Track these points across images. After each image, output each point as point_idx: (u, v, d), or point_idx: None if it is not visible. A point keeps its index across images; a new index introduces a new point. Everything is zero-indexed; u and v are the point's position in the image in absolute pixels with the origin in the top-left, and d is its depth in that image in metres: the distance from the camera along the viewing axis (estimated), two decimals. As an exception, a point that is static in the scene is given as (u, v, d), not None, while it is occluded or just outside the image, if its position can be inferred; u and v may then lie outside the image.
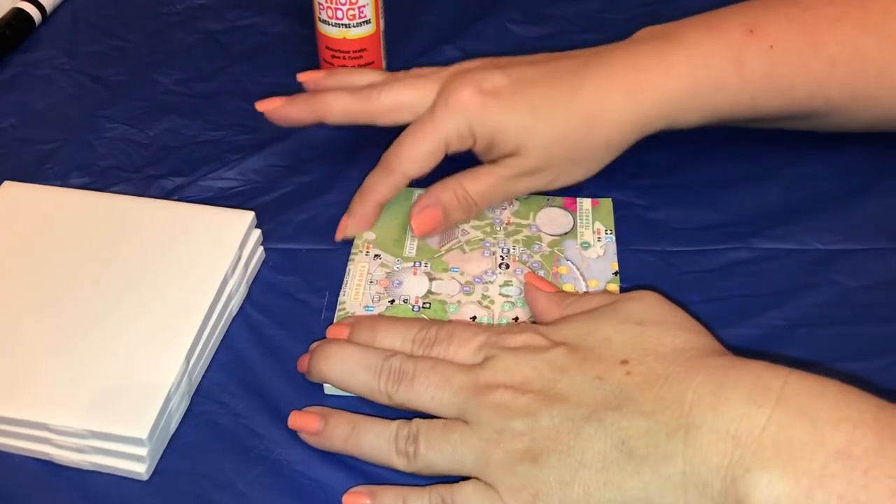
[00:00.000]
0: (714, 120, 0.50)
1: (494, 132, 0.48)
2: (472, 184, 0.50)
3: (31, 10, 0.69)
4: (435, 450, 0.39)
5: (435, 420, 0.40)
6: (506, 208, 0.52)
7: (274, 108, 0.52)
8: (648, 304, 0.42)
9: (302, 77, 0.54)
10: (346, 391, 0.43)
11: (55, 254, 0.48)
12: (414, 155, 0.49)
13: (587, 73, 0.49)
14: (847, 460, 0.32)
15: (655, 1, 0.69)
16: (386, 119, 0.51)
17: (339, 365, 0.43)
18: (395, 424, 0.41)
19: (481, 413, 0.39)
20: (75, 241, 0.48)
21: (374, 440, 0.41)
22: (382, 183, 0.50)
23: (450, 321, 0.46)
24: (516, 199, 0.53)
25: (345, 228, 0.51)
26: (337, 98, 0.52)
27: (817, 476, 0.32)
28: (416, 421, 0.40)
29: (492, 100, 0.48)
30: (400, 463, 0.40)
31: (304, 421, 0.42)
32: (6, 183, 0.52)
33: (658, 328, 0.40)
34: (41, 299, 0.45)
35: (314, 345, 0.45)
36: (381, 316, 0.46)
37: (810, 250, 0.50)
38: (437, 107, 0.49)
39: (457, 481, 0.39)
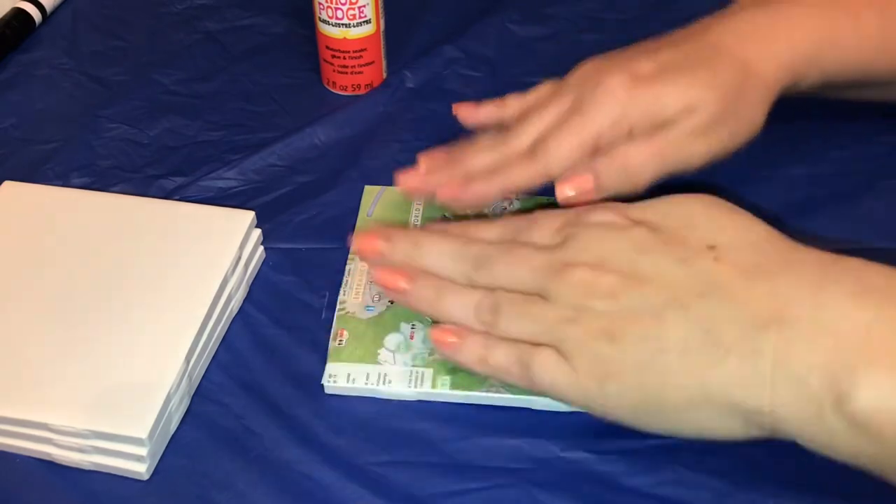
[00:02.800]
0: (829, 80, 0.49)
1: (654, 108, 0.46)
2: (636, 151, 0.46)
3: (31, 10, 0.69)
4: (513, 320, 0.40)
5: (516, 294, 0.41)
6: (506, 208, 0.52)
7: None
8: (720, 203, 0.42)
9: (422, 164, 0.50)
10: (431, 274, 0.43)
11: (55, 254, 0.48)
12: (563, 150, 0.46)
13: (716, 35, 0.48)
14: None
15: (656, 1, 0.69)
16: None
17: (428, 251, 0.43)
18: (478, 293, 0.41)
19: (561, 290, 0.40)
20: (75, 241, 0.48)
21: (457, 308, 0.42)
22: (519, 171, 0.47)
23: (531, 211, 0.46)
24: (516, 200, 0.53)
25: (446, 195, 0.47)
26: (478, 156, 0.49)
27: None
28: (499, 292, 0.41)
29: (644, 81, 0.46)
30: (480, 327, 0.41)
31: (390, 279, 0.43)
32: (6, 183, 0.52)
33: (743, 218, 0.40)
34: (41, 299, 0.45)
35: (376, 230, 0.45)
36: (463, 219, 0.47)
37: (810, 250, 0.50)
38: (583, 100, 0.47)
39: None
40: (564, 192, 0.45)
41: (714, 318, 0.36)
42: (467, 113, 0.53)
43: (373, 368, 0.45)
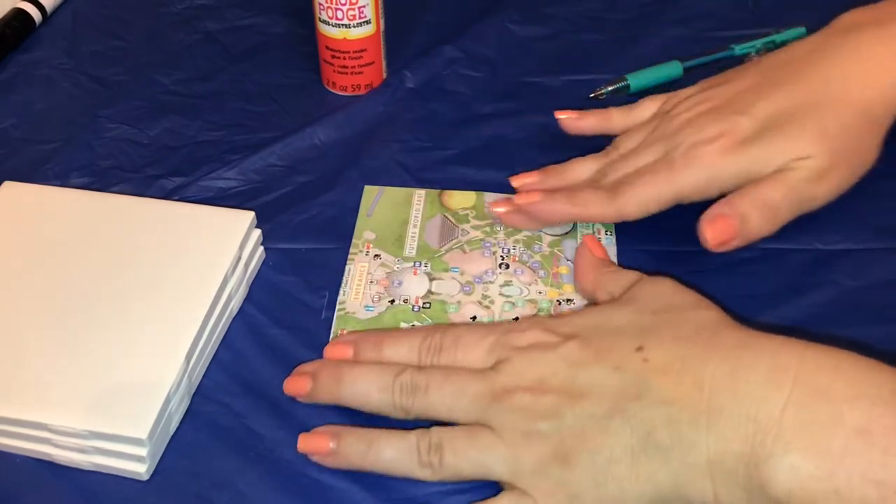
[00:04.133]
0: None
1: (754, 168, 0.47)
2: (771, 190, 0.47)
3: (31, 10, 0.69)
4: (462, 458, 0.39)
5: (456, 427, 0.40)
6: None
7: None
8: (662, 290, 0.42)
9: (516, 183, 0.52)
10: (362, 411, 0.42)
11: (55, 254, 0.48)
12: (640, 199, 0.48)
13: (823, 70, 0.48)
14: (867, 437, 0.32)
15: (656, 1, 0.69)
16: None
17: (350, 388, 0.42)
18: (413, 435, 0.40)
19: (504, 418, 0.39)
20: (75, 241, 0.48)
21: (395, 454, 0.40)
22: (595, 205, 0.49)
23: (452, 325, 0.45)
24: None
25: (515, 219, 0.51)
26: (588, 205, 0.49)
27: (838, 456, 0.32)
28: (436, 429, 0.40)
29: (740, 145, 0.47)
30: (424, 474, 0.40)
31: (314, 443, 0.41)
32: (6, 183, 0.52)
33: (672, 313, 0.40)
34: (41, 299, 0.45)
35: (311, 366, 0.44)
36: (382, 330, 0.46)
37: (810, 250, 0.50)
38: (676, 155, 0.48)
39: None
40: (715, 237, 0.47)
41: (652, 420, 0.36)
42: (570, 122, 0.55)
43: (373, 368, 0.44)
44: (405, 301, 0.48)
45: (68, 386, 0.42)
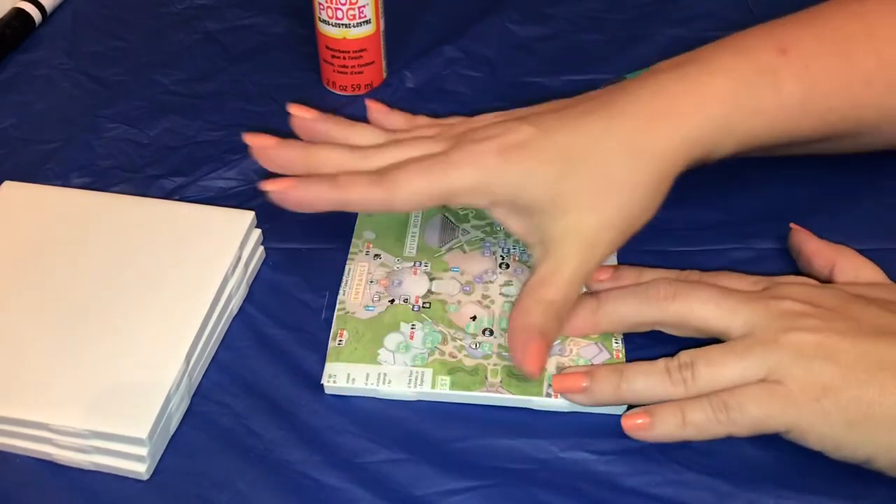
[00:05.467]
0: (749, 147, 0.48)
1: (518, 185, 0.44)
2: (547, 290, 0.44)
3: (31, 10, 0.69)
4: (718, 365, 0.40)
5: (705, 346, 0.41)
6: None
7: (263, 146, 0.48)
8: None
9: (293, 110, 0.50)
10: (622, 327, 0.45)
11: (55, 254, 0.48)
12: (413, 188, 0.44)
13: (618, 106, 0.45)
14: None
15: (656, 1, 0.69)
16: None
17: (615, 306, 0.44)
18: (660, 361, 0.41)
19: (770, 319, 0.40)
20: (75, 241, 0.48)
21: (646, 380, 0.41)
22: (360, 191, 0.45)
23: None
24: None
25: (271, 189, 0.46)
26: (332, 155, 0.47)
27: None
28: (683, 352, 0.41)
29: (517, 153, 0.44)
30: (677, 391, 0.41)
31: (569, 383, 0.43)
32: (6, 183, 0.52)
33: None
34: (41, 299, 0.45)
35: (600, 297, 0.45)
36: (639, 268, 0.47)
37: (810, 250, 0.50)
38: (456, 150, 0.45)
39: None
40: (529, 364, 0.43)
41: None
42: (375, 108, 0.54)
43: (372, 368, 0.45)
44: (405, 301, 0.48)
45: (68, 386, 0.42)
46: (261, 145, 0.48)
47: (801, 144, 0.49)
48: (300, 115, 0.50)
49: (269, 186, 0.45)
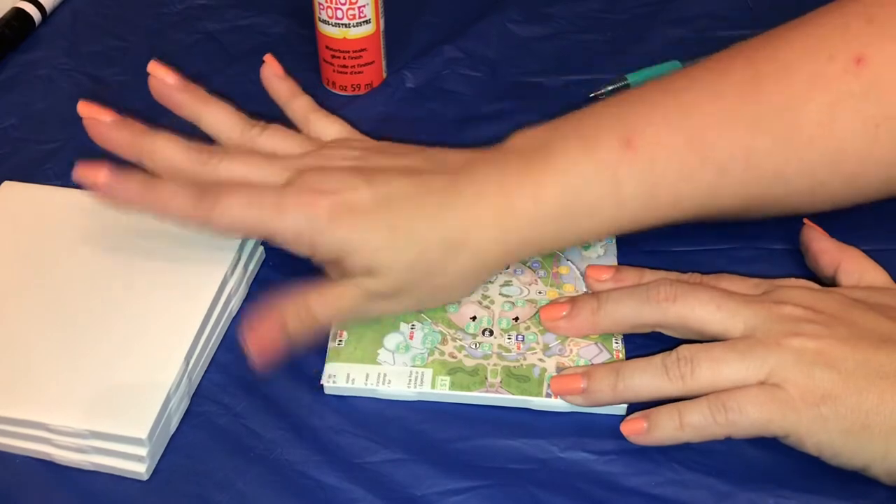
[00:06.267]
0: (590, 240, 0.48)
1: (342, 249, 0.43)
2: (319, 304, 0.44)
3: (31, 10, 0.69)
4: (720, 362, 0.40)
5: (706, 342, 0.41)
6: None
7: (96, 119, 0.45)
8: None
9: (152, 70, 0.48)
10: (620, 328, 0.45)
11: (55, 254, 0.48)
12: (233, 218, 0.43)
13: (455, 194, 0.44)
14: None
15: (656, 1, 0.69)
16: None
17: (613, 307, 0.44)
18: (657, 357, 0.41)
19: (771, 323, 0.40)
20: (75, 241, 0.48)
21: (643, 376, 0.41)
22: (176, 203, 0.43)
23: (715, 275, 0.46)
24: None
25: (84, 178, 0.43)
26: (167, 150, 0.45)
27: None
28: (682, 346, 0.41)
29: (348, 215, 0.43)
30: (675, 386, 0.40)
31: (566, 384, 0.43)
32: (6, 183, 0.52)
33: None
34: (41, 299, 0.45)
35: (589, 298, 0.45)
36: (637, 269, 0.47)
37: (810, 250, 0.50)
38: (289, 193, 0.43)
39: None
40: (256, 347, 0.43)
41: None
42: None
43: (372, 368, 0.45)
44: (405, 301, 0.48)
45: (68, 386, 0.42)
46: (93, 117, 0.45)
47: (655, 227, 0.46)
48: (160, 76, 0.48)
49: (80, 173, 0.42)
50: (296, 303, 0.43)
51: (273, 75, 0.52)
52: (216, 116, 0.48)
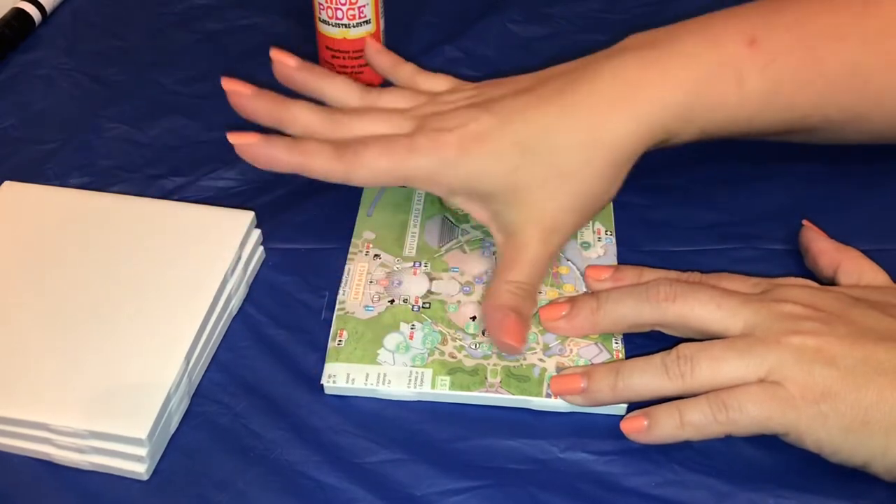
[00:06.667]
0: (709, 135, 0.48)
1: (478, 179, 0.45)
2: (513, 273, 0.45)
3: (31, 10, 0.69)
4: (720, 360, 0.40)
5: (709, 341, 0.41)
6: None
7: (238, 92, 0.48)
8: None
9: (274, 56, 0.51)
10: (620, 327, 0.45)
11: (55, 254, 0.48)
12: (373, 167, 0.45)
13: (576, 92, 0.46)
14: None
15: (656, 1, 0.69)
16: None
17: (612, 306, 0.44)
18: (657, 356, 0.41)
19: (771, 321, 0.40)
20: (75, 241, 0.48)
21: (642, 376, 0.41)
22: (321, 161, 0.46)
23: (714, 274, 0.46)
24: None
25: (239, 141, 0.46)
26: (302, 114, 0.48)
27: None
28: (681, 345, 0.41)
29: (475, 144, 0.45)
30: (675, 385, 0.40)
31: (567, 384, 0.43)
32: (6, 183, 0.52)
33: None
34: (41, 299, 0.45)
35: (593, 297, 0.45)
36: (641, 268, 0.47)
37: (810, 250, 0.50)
38: (418, 136, 0.46)
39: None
40: (510, 342, 0.44)
41: None
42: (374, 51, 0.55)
43: (372, 368, 0.45)
44: (405, 301, 0.48)
45: (68, 386, 0.42)
46: (236, 91, 0.48)
47: (763, 135, 0.49)
48: (282, 60, 0.51)
49: (234, 138, 0.46)
50: (500, 284, 0.45)
51: (375, 52, 0.55)
52: (337, 87, 0.51)
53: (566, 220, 0.46)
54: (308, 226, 0.53)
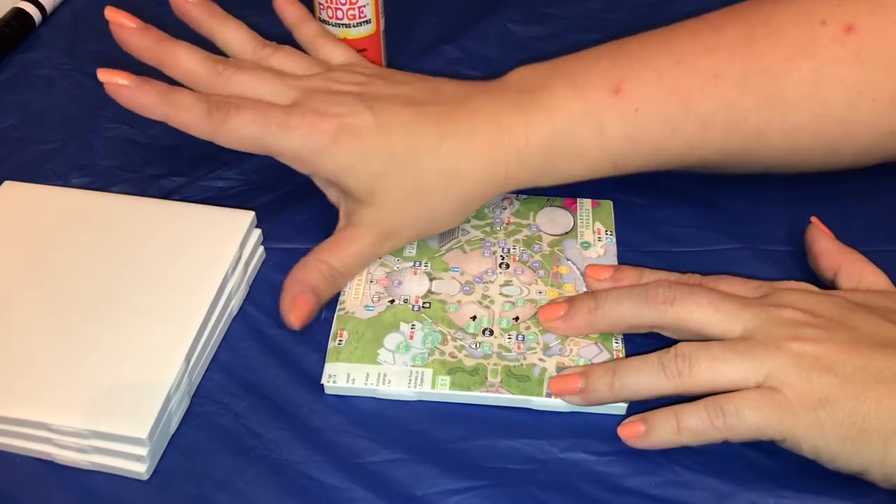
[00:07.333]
0: (576, 179, 0.48)
1: (342, 172, 0.46)
2: (334, 256, 0.47)
3: (31, 10, 0.69)
4: (719, 361, 0.40)
5: (706, 341, 0.41)
6: (506, 208, 0.52)
7: (121, 24, 0.47)
8: None
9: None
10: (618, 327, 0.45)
11: (55, 254, 0.48)
12: (240, 133, 0.45)
13: (452, 125, 0.46)
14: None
15: (656, 1, 0.69)
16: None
17: (611, 308, 0.44)
18: (654, 355, 0.41)
19: (770, 326, 0.40)
20: (75, 241, 0.48)
21: (639, 374, 0.41)
22: (189, 114, 0.45)
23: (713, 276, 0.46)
24: (516, 200, 0.53)
25: (111, 83, 0.46)
26: (184, 59, 0.47)
27: None
28: (680, 344, 0.41)
29: (350, 139, 0.45)
30: (672, 385, 0.40)
31: (565, 384, 0.43)
32: (6, 183, 0.52)
33: None
34: (41, 299, 0.45)
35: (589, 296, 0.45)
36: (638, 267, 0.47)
37: (810, 250, 0.50)
38: (295, 113, 0.45)
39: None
40: (297, 316, 0.46)
41: None
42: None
43: (372, 368, 0.45)
44: (405, 301, 0.48)
45: (68, 386, 0.42)
46: (119, 23, 0.47)
47: (641, 172, 0.49)
48: None
49: (104, 75, 0.45)
50: (314, 261, 0.47)
51: (285, 1, 0.54)
52: (231, 34, 0.50)
53: (405, 234, 0.49)
54: (308, 226, 0.53)
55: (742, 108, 0.46)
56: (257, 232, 0.50)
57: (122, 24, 0.47)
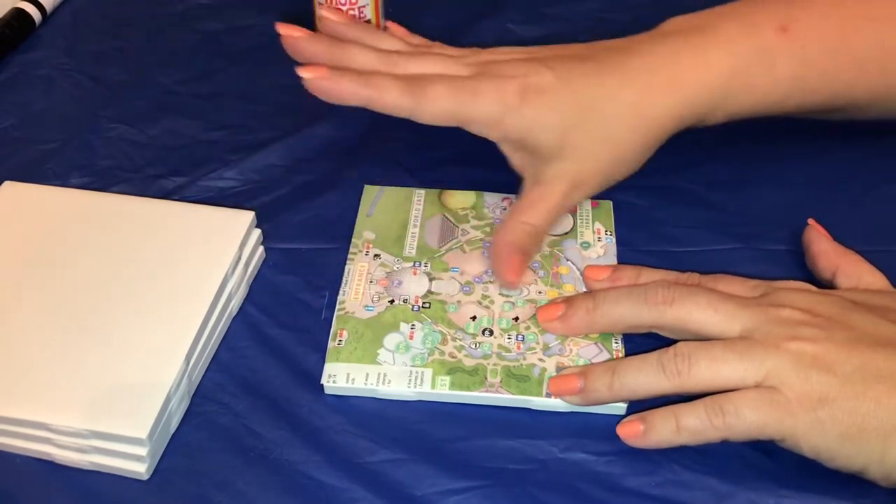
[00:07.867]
0: (740, 117, 0.50)
1: (533, 129, 0.47)
2: (532, 216, 0.48)
3: (31, 10, 0.69)
4: (719, 361, 0.40)
5: (705, 341, 0.41)
6: (506, 208, 0.52)
7: (293, 36, 0.49)
8: None
9: (324, 12, 0.52)
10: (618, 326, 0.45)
11: (55, 254, 0.48)
12: (440, 105, 0.46)
13: (630, 70, 0.48)
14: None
15: (656, 1, 0.69)
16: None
17: (610, 309, 0.44)
18: (653, 354, 0.41)
19: (769, 326, 0.40)
20: (75, 241, 0.48)
21: (638, 374, 0.41)
22: (390, 94, 0.46)
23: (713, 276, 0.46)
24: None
25: (310, 75, 0.46)
26: (360, 54, 0.48)
27: None
28: (679, 343, 0.41)
29: (536, 96, 0.46)
30: (671, 384, 0.40)
31: (564, 384, 0.43)
32: (6, 183, 0.52)
33: None
34: (41, 299, 0.45)
35: (586, 297, 0.45)
36: (640, 267, 0.47)
37: (810, 250, 0.50)
38: (483, 80, 0.47)
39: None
40: (511, 277, 0.47)
41: None
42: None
43: (372, 368, 0.45)
44: (405, 301, 0.48)
45: (68, 386, 0.42)
46: (291, 35, 0.49)
47: (789, 114, 0.51)
48: (330, 17, 0.52)
49: (303, 72, 0.46)
50: (516, 223, 0.48)
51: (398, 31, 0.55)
52: (389, 40, 0.52)
53: (593, 182, 0.48)
54: (308, 226, 0.53)
55: (893, 49, 0.48)
56: (257, 232, 0.50)
57: (295, 35, 0.49)
